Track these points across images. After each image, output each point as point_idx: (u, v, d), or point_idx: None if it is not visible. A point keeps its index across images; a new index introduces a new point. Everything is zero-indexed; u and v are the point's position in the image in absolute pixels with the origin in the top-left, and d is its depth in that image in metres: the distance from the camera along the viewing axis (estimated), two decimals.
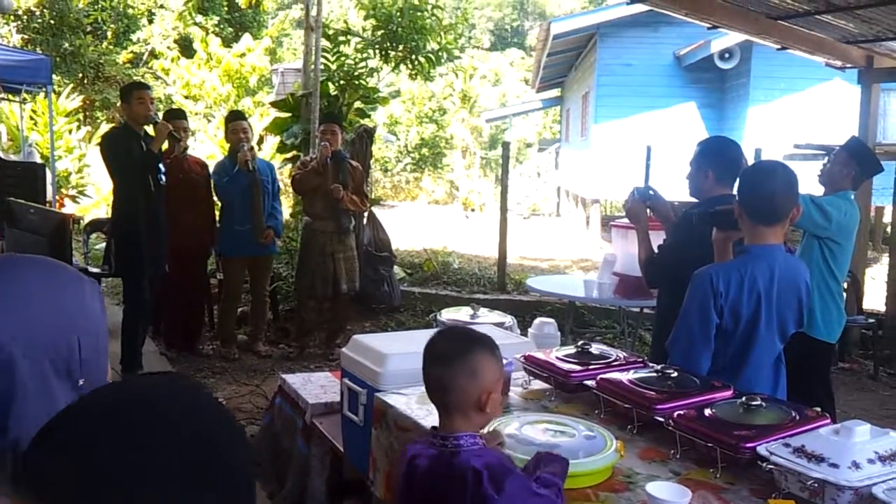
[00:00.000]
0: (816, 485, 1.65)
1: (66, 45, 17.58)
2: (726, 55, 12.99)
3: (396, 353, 2.57)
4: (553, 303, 7.42)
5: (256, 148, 6.06)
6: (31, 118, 13.91)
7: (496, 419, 1.90)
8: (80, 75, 17.98)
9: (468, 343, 1.73)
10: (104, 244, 6.63)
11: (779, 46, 6.43)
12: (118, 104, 6.27)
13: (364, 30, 9.33)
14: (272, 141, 11.41)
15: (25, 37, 17.32)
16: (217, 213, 6.15)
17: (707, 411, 2.01)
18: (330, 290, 6.02)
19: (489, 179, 23.58)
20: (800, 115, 12.42)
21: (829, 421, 1.99)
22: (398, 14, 8.52)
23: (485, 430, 1.86)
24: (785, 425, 1.93)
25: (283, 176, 9.82)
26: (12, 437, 0.99)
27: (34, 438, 0.71)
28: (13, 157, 10.95)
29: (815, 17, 5.57)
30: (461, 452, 1.64)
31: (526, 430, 1.97)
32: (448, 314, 3.58)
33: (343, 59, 8.33)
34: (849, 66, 6.73)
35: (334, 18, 16.83)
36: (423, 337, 1.84)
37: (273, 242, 6.14)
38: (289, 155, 8.35)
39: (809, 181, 4.43)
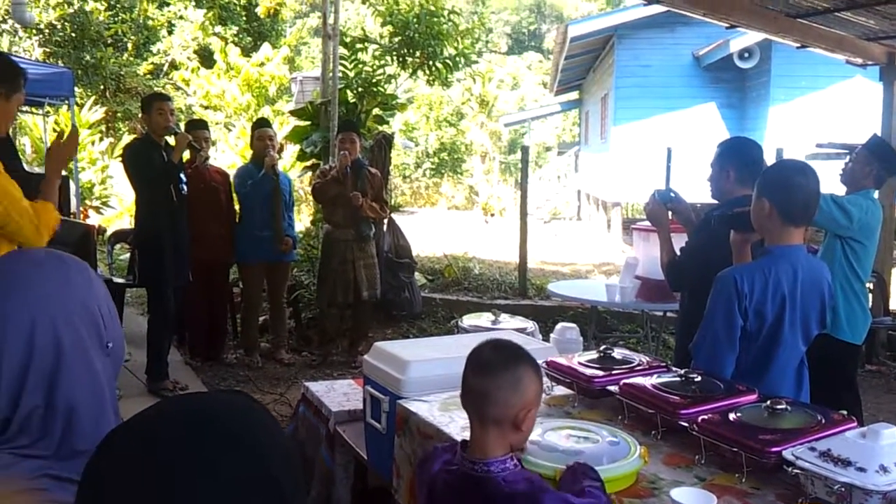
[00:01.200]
0: (843, 489, 1.63)
1: (88, 57, 17.78)
2: (746, 54, 12.89)
3: (418, 359, 2.58)
4: (575, 307, 7.40)
5: (277, 156, 6.11)
6: (55, 130, 14.08)
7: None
8: (102, 87, 18.18)
9: (515, 356, 1.72)
10: (128, 255, 6.70)
11: (798, 45, 6.38)
12: (140, 115, 6.35)
13: (381, 37, 9.36)
14: (292, 149, 11.47)
15: (47, 50, 17.53)
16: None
17: (732, 416, 1.99)
18: (351, 298, 6.04)
19: (509, 184, 23.57)
20: (821, 113, 12.30)
21: (855, 424, 1.96)
22: (415, 20, 8.55)
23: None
24: (811, 429, 1.91)
25: (304, 184, 9.87)
26: (62, 407, 1.05)
27: (98, 445, 0.75)
28: (37, 170, 11.08)
29: (835, 15, 5.52)
30: (490, 478, 1.63)
31: (549, 437, 1.96)
32: (469, 320, 3.57)
33: (361, 66, 8.36)
34: (870, 63, 6.66)
35: (351, 26, 16.89)
36: (444, 343, 1.86)
37: (291, 250, 6.18)
38: (308, 163, 8.39)
39: (831, 180, 4.39)
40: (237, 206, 6.16)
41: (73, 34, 17.82)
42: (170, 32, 20.58)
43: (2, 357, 1.04)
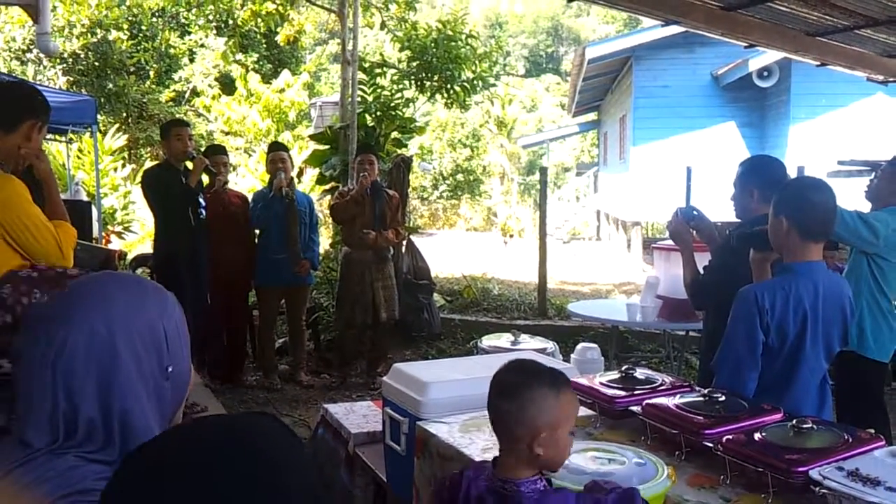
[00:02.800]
0: None
1: (111, 85, 18.06)
2: (765, 73, 12.86)
3: (437, 381, 2.56)
4: (595, 328, 7.35)
5: (296, 180, 6.14)
6: (78, 157, 14.28)
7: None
8: (124, 114, 18.44)
9: (527, 377, 1.70)
10: (149, 279, 6.73)
11: (818, 63, 6.35)
12: (160, 141, 6.43)
13: (400, 61, 9.44)
14: (312, 173, 11.55)
15: (71, 79, 17.83)
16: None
17: (757, 435, 1.96)
18: (370, 319, 6.04)
19: (527, 205, 23.57)
20: (843, 131, 12.23)
21: (883, 443, 1.92)
22: (433, 45, 8.61)
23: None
24: (838, 448, 1.87)
25: (323, 207, 9.93)
26: (117, 420, 1.08)
27: (122, 460, 0.77)
28: (61, 196, 11.21)
29: (855, 32, 5.48)
30: (521, 494, 1.62)
31: (575, 459, 1.93)
32: (489, 341, 3.55)
33: (379, 90, 8.42)
34: (891, 79, 6.61)
35: (370, 51, 17.08)
36: (464, 365, 1.85)
37: (309, 273, 6.19)
38: (328, 186, 8.44)
39: (854, 197, 4.35)
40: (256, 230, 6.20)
41: (97, 63, 18.12)
42: (191, 60, 20.87)
43: (62, 358, 1.07)
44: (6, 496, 1.00)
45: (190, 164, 5.35)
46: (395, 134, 8.56)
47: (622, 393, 2.41)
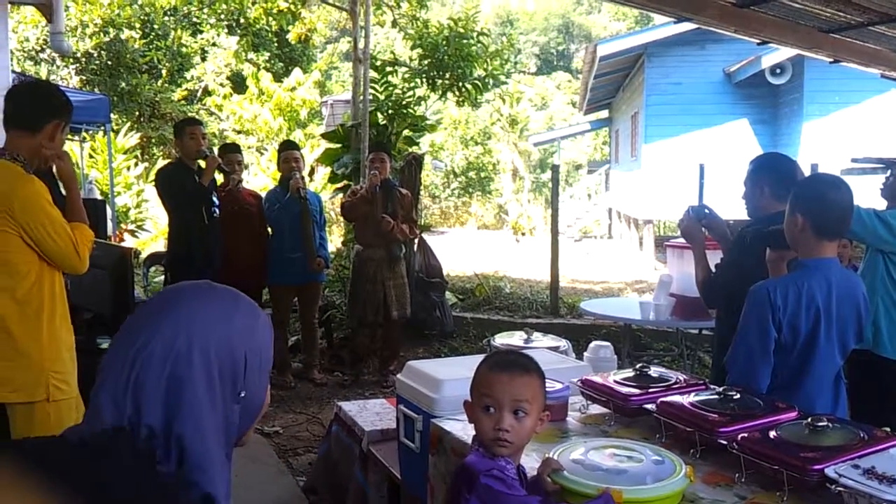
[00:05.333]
0: None
1: (123, 84, 18.16)
2: (778, 70, 12.80)
3: (451, 378, 2.56)
4: (608, 326, 7.33)
5: (308, 178, 6.16)
6: (91, 156, 14.37)
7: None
8: (137, 113, 18.54)
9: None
10: (163, 277, 6.77)
11: (831, 60, 6.31)
12: (173, 140, 6.46)
13: (411, 59, 9.45)
14: (324, 171, 11.58)
15: (84, 78, 17.94)
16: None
17: (772, 433, 1.95)
18: (381, 317, 6.05)
19: (539, 203, 23.54)
20: (856, 128, 12.15)
21: None
22: (444, 43, 8.62)
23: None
24: (854, 446, 1.87)
25: (335, 205, 9.95)
26: (176, 431, 1.06)
27: None
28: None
29: (869, 29, 5.45)
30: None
31: (592, 456, 1.93)
32: (501, 339, 3.56)
33: (391, 88, 8.43)
34: None
35: (381, 50, 17.11)
36: (476, 362, 1.85)
37: (322, 271, 6.21)
38: (340, 185, 8.46)
39: (869, 195, 4.32)
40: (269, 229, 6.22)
41: (109, 62, 18.21)
42: (203, 59, 20.95)
43: (140, 360, 1.07)
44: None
45: (203, 163, 5.37)
46: (406, 132, 8.57)
47: (637, 391, 2.41)
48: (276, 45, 21.36)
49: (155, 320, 1.10)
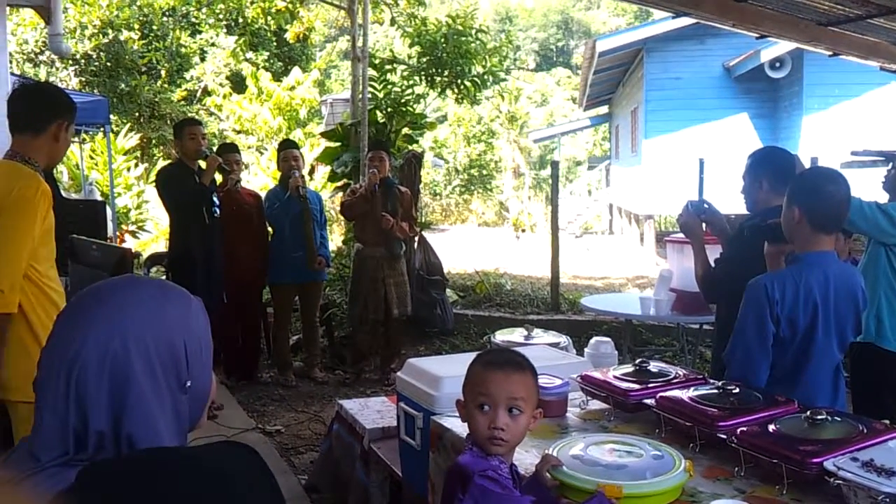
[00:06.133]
0: (888, 500, 1.59)
1: (123, 85, 18.16)
2: (777, 64, 12.78)
3: (451, 375, 2.57)
4: (609, 321, 7.34)
5: (308, 178, 6.16)
6: (91, 157, 14.38)
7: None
8: (137, 114, 18.54)
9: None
10: (164, 277, 6.78)
11: (830, 53, 6.30)
12: (173, 141, 6.47)
13: (409, 57, 9.44)
14: (323, 170, 11.58)
15: (83, 79, 17.95)
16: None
17: (771, 427, 1.96)
18: (382, 315, 6.06)
19: (539, 200, 23.53)
20: (856, 121, 12.14)
21: None
22: (442, 40, 8.60)
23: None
24: (852, 439, 1.87)
25: (336, 204, 9.95)
26: (126, 432, 1.04)
27: (77, 479, 0.73)
28: (74, 196, 11.31)
29: (867, 22, 5.44)
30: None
31: (592, 451, 1.93)
32: (502, 336, 3.56)
33: (390, 87, 8.43)
34: None
35: (380, 48, 17.10)
36: None
37: (323, 270, 6.21)
38: (340, 183, 8.46)
39: (869, 188, 4.32)
40: (270, 228, 6.22)
41: (108, 63, 18.22)
42: (202, 59, 20.95)
43: (76, 369, 1.04)
44: None
45: (203, 163, 5.38)
46: (406, 130, 8.57)
47: (636, 386, 2.41)
48: (274, 44, 21.35)
49: (83, 325, 1.07)
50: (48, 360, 1.07)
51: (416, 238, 7.36)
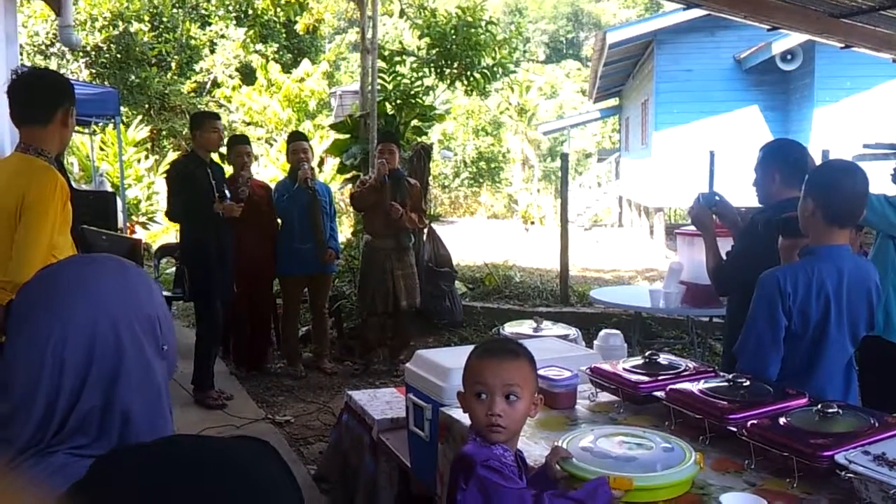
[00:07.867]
0: None
1: (133, 77, 18.19)
2: (788, 56, 12.71)
3: (460, 367, 2.54)
4: (618, 314, 7.32)
5: (317, 170, 6.17)
6: (101, 149, 14.43)
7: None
8: (147, 106, 18.58)
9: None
10: (174, 269, 6.80)
11: (842, 45, 6.26)
12: (185, 132, 6.48)
13: (419, 49, 9.41)
14: (333, 162, 11.58)
15: (94, 71, 17.98)
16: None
17: (782, 420, 1.95)
18: (390, 307, 6.07)
19: (549, 192, 23.49)
20: (868, 113, 12.06)
21: None
22: (452, 32, 8.58)
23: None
24: (864, 432, 1.86)
25: (345, 196, 9.95)
26: (119, 408, 1.09)
27: (93, 465, 0.75)
28: (85, 187, 11.36)
29: (880, 13, 5.40)
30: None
31: (601, 443, 1.93)
32: (511, 328, 3.56)
33: (399, 78, 8.41)
34: None
35: (389, 40, 17.04)
36: None
37: (332, 262, 6.23)
38: (349, 175, 8.46)
39: (880, 181, 4.29)
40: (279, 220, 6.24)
41: (119, 55, 18.25)
42: (212, 51, 20.96)
43: (64, 353, 1.06)
44: (7, 496, 0.99)
45: (216, 156, 5.40)
46: (415, 122, 8.56)
47: (646, 378, 2.40)
48: (284, 36, 21.34)
49: (60, 310, 1.08)
50: (21, 345, 1.07)
51: (425, 230, 7.36)
